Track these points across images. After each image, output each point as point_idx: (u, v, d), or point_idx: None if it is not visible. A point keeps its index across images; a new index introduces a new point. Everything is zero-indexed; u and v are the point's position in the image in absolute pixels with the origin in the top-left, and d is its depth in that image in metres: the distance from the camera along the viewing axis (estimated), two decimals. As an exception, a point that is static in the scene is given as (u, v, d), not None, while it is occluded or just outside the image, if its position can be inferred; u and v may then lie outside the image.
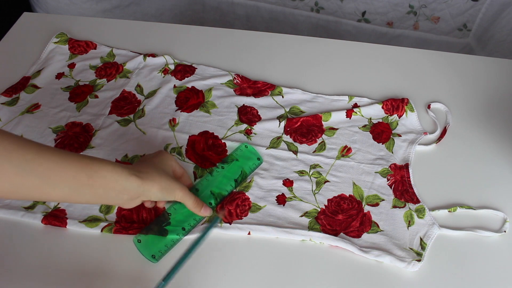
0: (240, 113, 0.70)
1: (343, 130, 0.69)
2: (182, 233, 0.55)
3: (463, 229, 0.57)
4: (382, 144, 0.67)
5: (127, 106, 0.71)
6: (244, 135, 0.67)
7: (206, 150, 0.65)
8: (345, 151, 0.66)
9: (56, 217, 0.57)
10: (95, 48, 0.80)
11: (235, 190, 0.60)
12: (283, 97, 0.73)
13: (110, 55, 0.79)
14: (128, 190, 0.49)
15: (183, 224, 0.56)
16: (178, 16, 1.52)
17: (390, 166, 0.64)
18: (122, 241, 0.55)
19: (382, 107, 0.71)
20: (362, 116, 0.71)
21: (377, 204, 0.60)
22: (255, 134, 0.68)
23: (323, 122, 0.69)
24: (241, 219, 0.58)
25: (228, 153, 0.65)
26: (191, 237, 0.55)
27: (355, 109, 0.71)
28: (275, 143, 0.67)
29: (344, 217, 0.59)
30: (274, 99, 0.73)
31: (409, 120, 0.70)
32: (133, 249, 0.55)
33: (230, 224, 0.57)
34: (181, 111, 0.70)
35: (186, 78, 0.76)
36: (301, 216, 0.59)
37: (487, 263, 0.55)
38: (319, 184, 0.62)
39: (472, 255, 0.56)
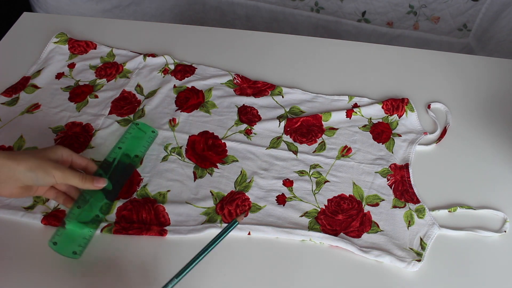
0: (240, 113, 0.70)
1: (343, 130, 0.69)
2: (97, 223, 0.56)
3: (463, 229, 0.57)
4: (382, 144, 0.67)
5: (127, 106, 0.71)
6: (244, 135, 0.67)
7: (206, 150, 0.65)
8: (345, 151, 0.66)
9: (56, 217, 0.57)
10: (95, 48, 0.80)
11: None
12: (283, 97, 0.73)
13: (110, 55, 0.79)
14: None
15: (93, 212, 0.56)
16: (178, 16, 1.52)
17: (390, 166, 0.64)
18: (122, 241, 0.55)
19: (382, 107, 0.71)
20: (362, 116, 0.71)
21: (377, 204, 0.60)
22: (255, 134, 0.68)
23: (323, 122, 0.69)
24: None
25: (228, 154, 0.65)
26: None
27: (355, 109, 0.71)
28: (275, 143, 0.67)
29: (344, 217, 0.59)
30: (274, 99, 0.73)
31: (409, 120, 0.70)
32: (133, 250, 0.55)
33: (230, 224, 0.57)
34: (181, 111, 0.70)
35: (186, 78, 0.76)
36: (301, 216, 0.59)
37: (487, 263, 0.55)
38: (319, 184, 0.62)
39: (472, 255, 0.56)
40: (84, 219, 0.55)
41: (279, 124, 0.69)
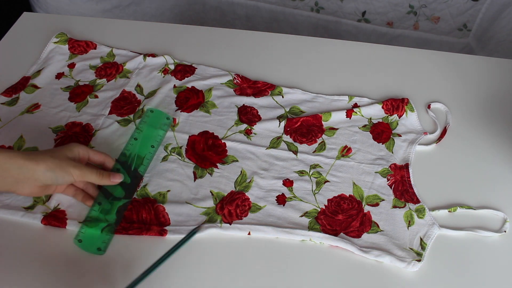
0: (240, 113, 0.70)
1: (343, 130, 0.69)
2: (114, 217, 0.56)
3: (463, 229, 0.57)
4: (382, 144, 0.67)
5: (127, 106, 0.71)
6: (244, 135, 0.67)
7: (206, 150, 0.65)
8: (345, 151, 0.66)
9: (56, 217, 0.56)
10: (95, 48, 0.80)
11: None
12: (283, 97, 0.73)
13: (110, 55, 0.79)
14: (10, 171, 0.49)
15: (113, 208, 0.57)
16: (178, 16, 1.52)
17: (390, 166, 0.64)
18: (122, 241, 0.55)
19: (382, 107, 0.71)
20: (362, 116, 0.71)
21: (377, 204, 0.60)
22: (255, 134, 0.68)
23: (323, 122, 0.69)
24: (241, 219, 0.58)
25: (228, 154, 0.65)
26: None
27: (355, 109, 0.71)
28: (275, 143, 0.67)
29: (344, 217, 0.59)
30: (274, 99, 0.73)
31: (409, 120, 0.70)
32: (133, 250, 0.55)
33: (230, 224, 0.57)
34: (181, 111, 0.70)
35: (186, 78, 0.76)
36: (301, 216, 0.59)
37: (487, 263, 0.55)
38: (319, 184, 0.62)
39: (472, 255, 0.56)
40: (106, 214, 0.56)
41: (279, 124, 0.69)
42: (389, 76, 0.78)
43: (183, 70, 0.76)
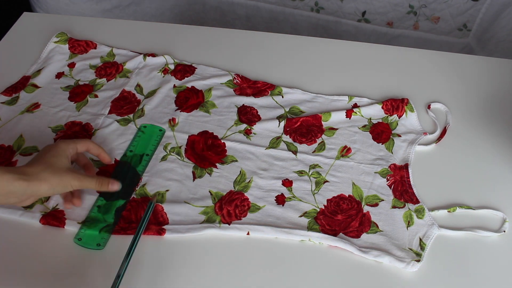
0: (239, 113, 0.70)
1: (342, 130, 0.69)
2: (113, 215, 0.57)
3: (463, 229, 0.57)
4: (382, 144, 0.67)
5: (126, 105, 0.71)
6: (244, 135, 0.67)
7: (206, 150, 0.65)
8: (345, 151, 0.66)
9: (54, 217, 0.56)
10: (95, 48, 0.80)
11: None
12: (283, 97, 0.73)
13: (110, 54, 0.79)
14: (14, 193, 0.50)
15: (112, 207, 0.58)
16: (178, 16, 1.52)
17: (389, 166, 0.64)
18: (121, 241, 0.55)
19: (382, 107, 0.71)
20: (362, 116, 0.70)
21: (376, 204, 0.60)
22: (254, 134, 0.68)
23: (322, 122, 0.69)
24: (240, 219, 0.58)
25: (227, 153, 0.65)
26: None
27: (355, 109, 0.71)
28: (274, 143, 0.67)
29: (343, 217, 0.59)
30: (274, 99, 0.73)
31: (409, 120, 0.70)
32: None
33: (229, 224, 0.57)
34: (180, 111, 0.70)
35: (186, 78, 0.76)
36: (300, 216, 0.59)
37: (487, 263, 0.55)
38: (318, 184, 0.62)
39: (471, 255, 0.56)
40: (104, 214, 0.57)
41: (279, 124, 0.69)
42: (389, 76, 0.78)
43: (183, 70, 0.76)
